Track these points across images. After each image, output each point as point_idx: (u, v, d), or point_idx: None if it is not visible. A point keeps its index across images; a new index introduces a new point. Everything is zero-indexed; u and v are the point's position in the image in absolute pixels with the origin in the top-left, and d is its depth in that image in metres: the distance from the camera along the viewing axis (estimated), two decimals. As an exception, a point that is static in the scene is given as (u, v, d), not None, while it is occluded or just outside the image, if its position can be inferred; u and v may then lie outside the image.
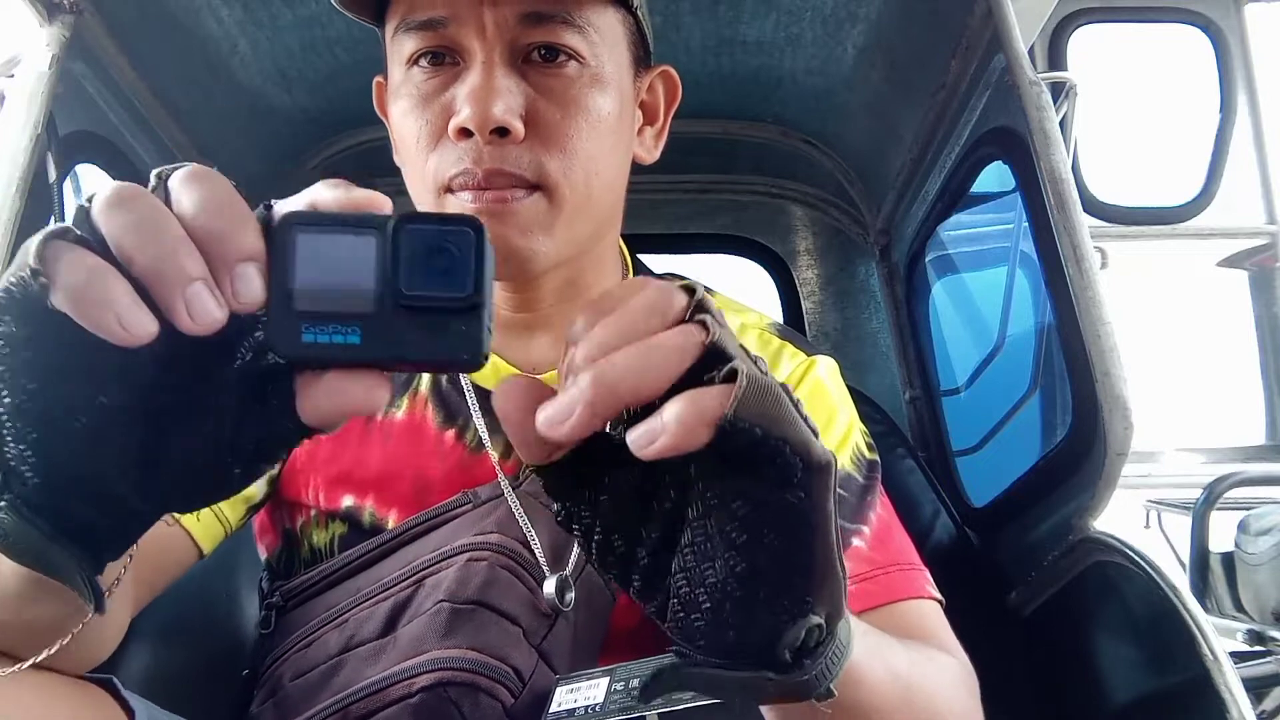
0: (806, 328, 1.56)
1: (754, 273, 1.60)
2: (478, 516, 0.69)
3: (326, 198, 0.35)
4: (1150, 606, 0.76)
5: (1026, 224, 0.94)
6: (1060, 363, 0.90)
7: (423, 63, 0.65)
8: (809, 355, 0.80)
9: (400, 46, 0.66)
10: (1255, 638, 1.97)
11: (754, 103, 1.33)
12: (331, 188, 0.36)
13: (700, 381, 0.34)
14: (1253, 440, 2.20)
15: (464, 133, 0.63)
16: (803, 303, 1.57)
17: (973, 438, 1.29)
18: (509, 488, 0.69)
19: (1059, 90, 0.92)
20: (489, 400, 0.72)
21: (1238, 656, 1.85)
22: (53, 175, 0.88)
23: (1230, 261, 2.14)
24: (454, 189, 0.64)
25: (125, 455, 0.35)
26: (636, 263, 0.83)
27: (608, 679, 0.59)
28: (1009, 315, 1.27)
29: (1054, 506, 0.91)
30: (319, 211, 0.35)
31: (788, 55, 1.20)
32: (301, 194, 0.36)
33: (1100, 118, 2.11)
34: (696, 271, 0.91)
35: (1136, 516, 2.92)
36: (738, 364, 0.34)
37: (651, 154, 0.76)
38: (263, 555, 0.81)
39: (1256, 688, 1.73)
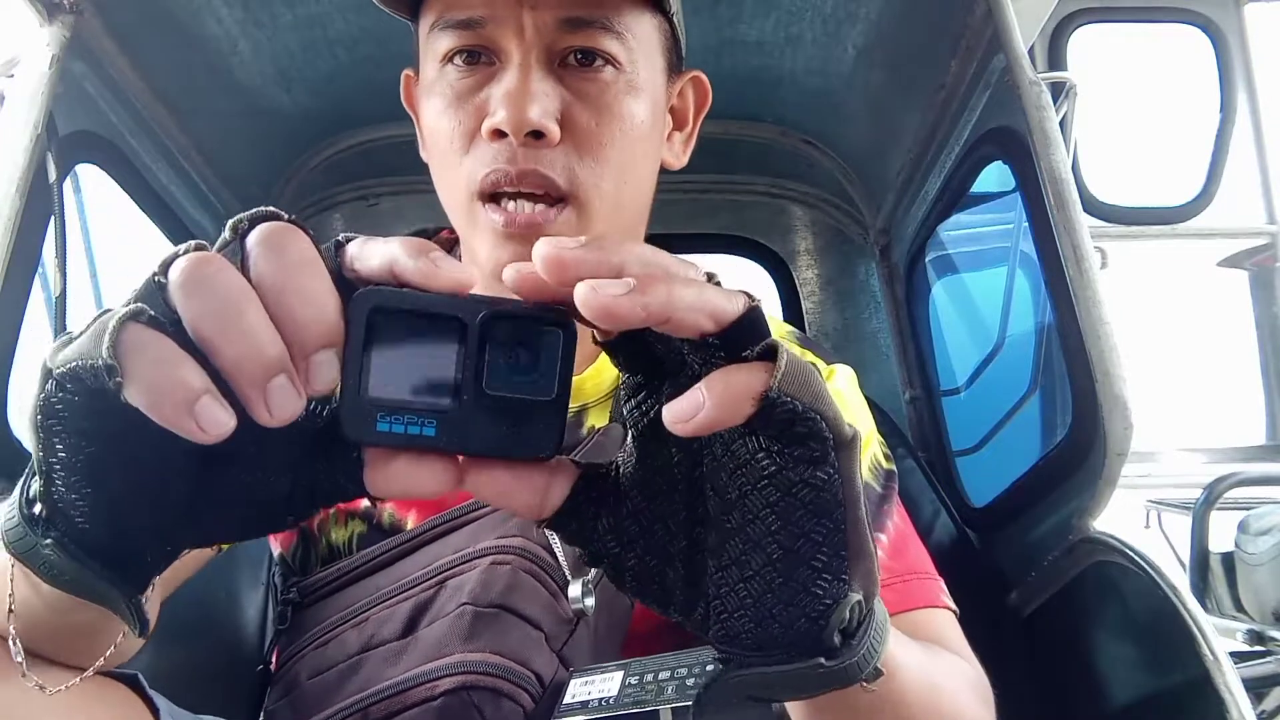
0: (806, 328, 1.56)
1: (754, 273, 1.60)
2: (499, 518, 0.69)
3: (408, 267, 0.33)
4: (1150, 606, 0.76)
5: (1026, 224, 0.94)
6: (1060, 363, 0.90)
7: (458, 61, 0.65)
8: (829, 364, 0.81)
9: (436, 43, 0.65)
10: (1255, 638, 1.97)
11: (754, 103, 1.33)
12: (413, 255, 0.33)
13: (736, 355, 0.33)
14: (1253, 440, 2.21)
15: (498, 134, 0.62)
16: (803, 303, 1.57)
17: (973, 438, 1.29)
18: None
19: (1059, 90, 0.92)
20: None
21: (1238, 656, 1.85)
22: (53, 175, 0.88)
23: (1230, 261, 2.14)
24: (485, 191, 0.64)
25: (181, 505, 0.35)
26: None
27: (622, 673, 0.59)
28: (1009, 315, 1.27)
29: (1054, 506, 0.91)
30: (401, 292, 0.33)
31: (788, 55, 1.20)
32: (379, 250, 0.33)
33: (1100, 118, 2.11)
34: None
35: (1136, 516, 2.92)
36: (774, 340, 0.33)
37: (680, 160, 0.76)
38: (277, 551, 0.80)
39: (1256, 688, 1.73)
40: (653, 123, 0.68)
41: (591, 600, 0.66)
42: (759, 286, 1.58)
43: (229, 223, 0.33)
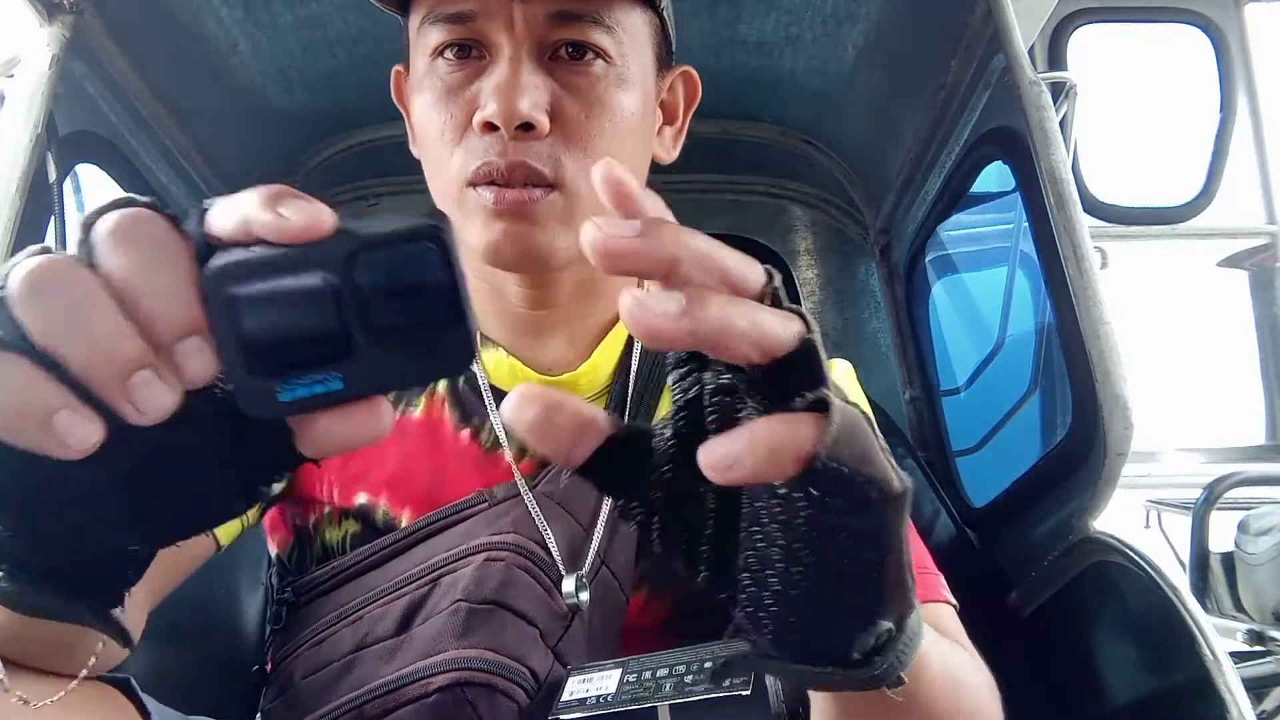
0: (806, 328, 1.56)
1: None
2: (493, 516, 0.69)
3: (261, 220, 0.31)
4: (1150, 606, 0.76)
5: (1026, 224, 0.94)
6: (1060, 363, 0.90)
7: (448, 54, 0.65)
8: (829, 359, 0.81)
9: (426, 38, 0.65)
10: (1255, 638, 1.97)
11: (754, 103, 1.33)
12: (264, 207, 0.31)
13: (784, 398, 0.32)
14: (1253, 440, 2.20)
15: (489, 126, 0.63)
16: (803, 303, 1.57)
17: (973, 438, 1.29)
18: (526, 487, 0.69)
19: (1059, 90, 0.92)
20: (496, 399, 0.71)
21: (1238, 656, 1.85)
22: (53, 175, 0.88)
23: (1230, 261, 2.14)
24: (476, 183, 0.64)
25: (114, 511, 0.33)
26: None
27: (620, 670, 0.59)
28: (1009, 315, 1.27)
29: (1054, 506, 0.91)
30: (254, 256, 0.31)
31: (788, 55, 1.20)
32: (232, 210, 0.31)
33: (1100, 118, 2.11)
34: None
35: (1136, 516, 2.92)
36: (826, 393, 0.32)
37: (670, 154, 0.76)
38: (273, 551, 0.80)
39: (1256, 688, 1.73)
40: (642, 116, 0.69)
41: (586, 595, 0.66)
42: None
43: (81, 220, 0.31)
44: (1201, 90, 2.08)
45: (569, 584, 0.66)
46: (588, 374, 0.74)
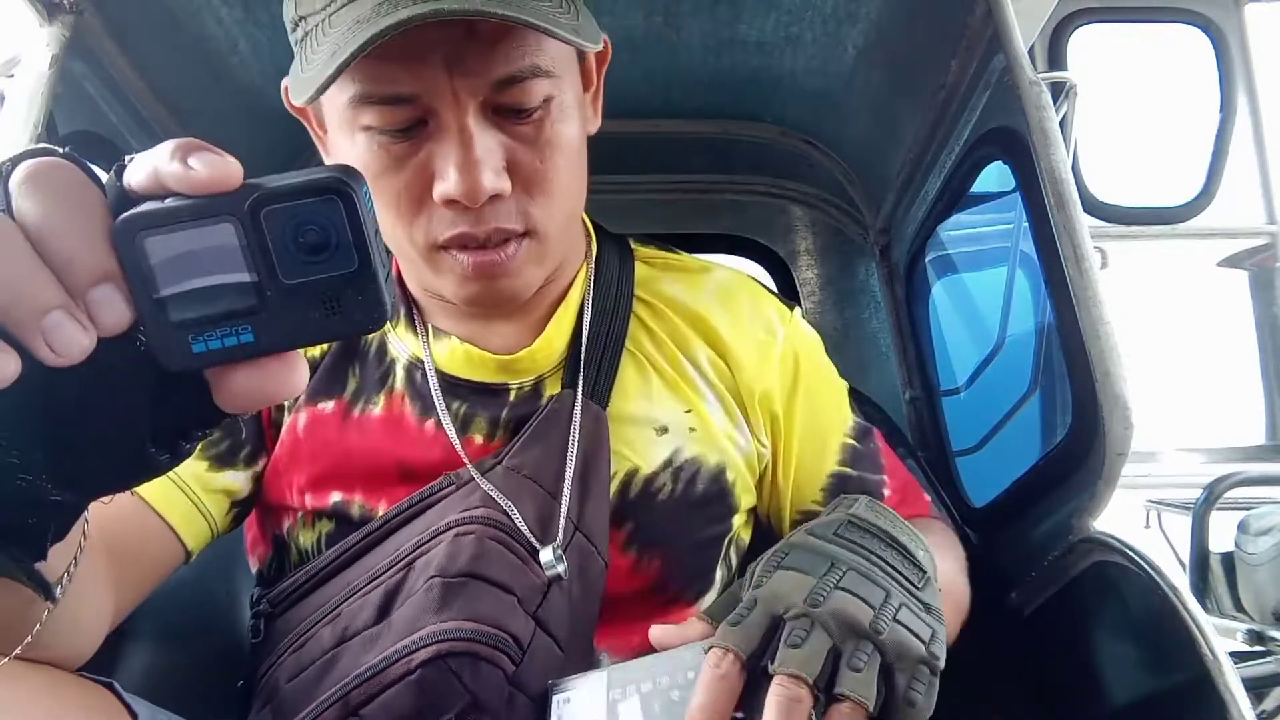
0: (806, 328, 1.56)
1: (754, 273, 1.59)
2: (461, 496, 0.69)
3: (170, 172, 0.32)
4: (1150, 606, 0.76)
5: (1026, 224, 0.94)
6: (1060, 363, 0.90)
7: (389, 130, 0.62)
8: (787, 307, 0.87)
9: (358, 116, 0.62)
10: (1255, 638, 1.97)
11: (754, 103, 1.33)
12: (173, 157, 0.32)
13: None
14: (1253, 440, 2.20)
15: (453, 202, 0.62)
16: (803, 303, 1.57)
17: (973, 438, 1.29)
18: (475, 469, 0.70)
19: (1059, 90, 0.92)
20: (456, 388, 0.73)
21: (1238, 656, 1.85)
22: (53, 175, 0.88)
23: (1230, 261, 2.14)
24: (450, 247, 0.65)
25: (38, 457, 0.33)
26: (600, 232, 0.84)
27: (604, 686, 0.57)
28: (1009, 315, 1.27)
29: (1054, 506, 0.91)
30: (163, 207, 0.31)
31: (788, 55, 1.20)
32: (144, 163, 0.32)
33: (1100, 118, 2.11)
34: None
35: (1136, 516, 2.91)
36: None
37: (596, 124, 0.75)
38: (255, 568, 0.81)
39: (1256, 688, 1.73)
40: (581, 128, 0.69)
41: (564, 566, 0.67)
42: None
43: None
44: (1201, 90, 2.08)
45: (547, 554, 0.67)
46: (542, 349, 0.75)
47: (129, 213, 0.31)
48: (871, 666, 0.52)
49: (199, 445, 0.72)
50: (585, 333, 0.75)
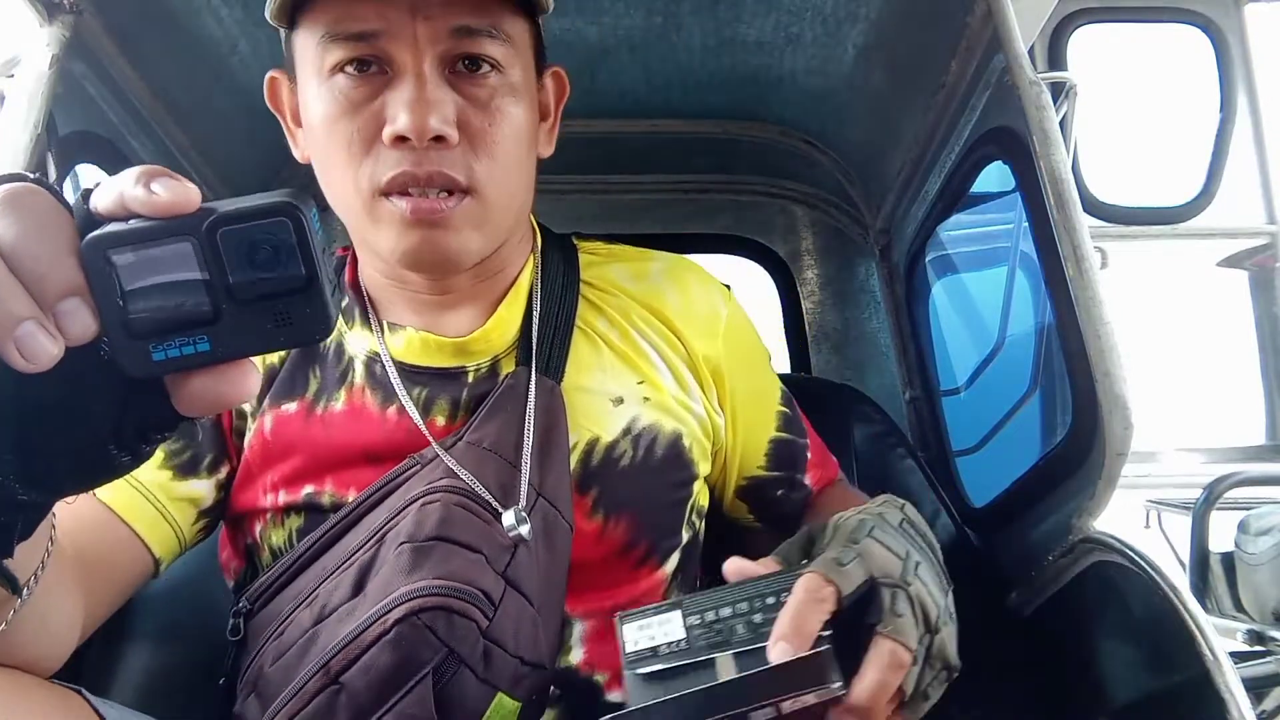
0: (806, 328, 1.56)
1: (754, 273, 1.60)
2: (427, 473, 0.71)
3: (134, 196, 0.35)
4: (1150, 606, 0.76)
5: (1026, 224, 0.94)
6: (1060, 363, 0.90)
7: (350, 70, 0.68)
8: (725, 286, 0.90)
9: (325, 54, 0.67)
10: (1255, 638, 1.97)
11: (754, 103, 1.33)
12: (137, 183, 0.35)
13: None
14: (1253, 440, 2.20)
15: (401, 140, 0.66)
16: (803, 303, 1.57)
17: (973, 438, 1.29)
18: (441, 450, 0.72)
19: (1059, 90, 0.92)
20: (415, 375, 0.76)
21: (1238, 656, 1.85)
22: (53, 175, 0.88)
23: (1230, 261, 2.14)
24: (390, 192, 0.67)
25: (6, 458, 0.36)
26: (544, 231, 0.86)
27: (678, 613, 0.58)
28: (1009, 315, 1.27)
29: (1054, 506, 0.91)
30: (127, 228, 0.35)
31: (788, 55, 1.20)
32: (110, 187, 0.36)
33: (1100, 118, 2.11)
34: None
35: (1136, 516, 2.91)
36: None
37: (548, 149, 0.81)
38: (230, 583, 0.82)
39: (1256, 688, 1.73)
40: (530, 118, 0.73)
41: (527, 528, 0.69)
42: (759, 287, 1.59)
43: None
44: (1201, 90, 2.08)
45: (509, 518, 0.69)
46: (495, 329, 0.77)
47: (95, 233, 0.34)
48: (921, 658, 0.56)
49: (162, 456, 0.74)
50: (536, 313, 0.79)
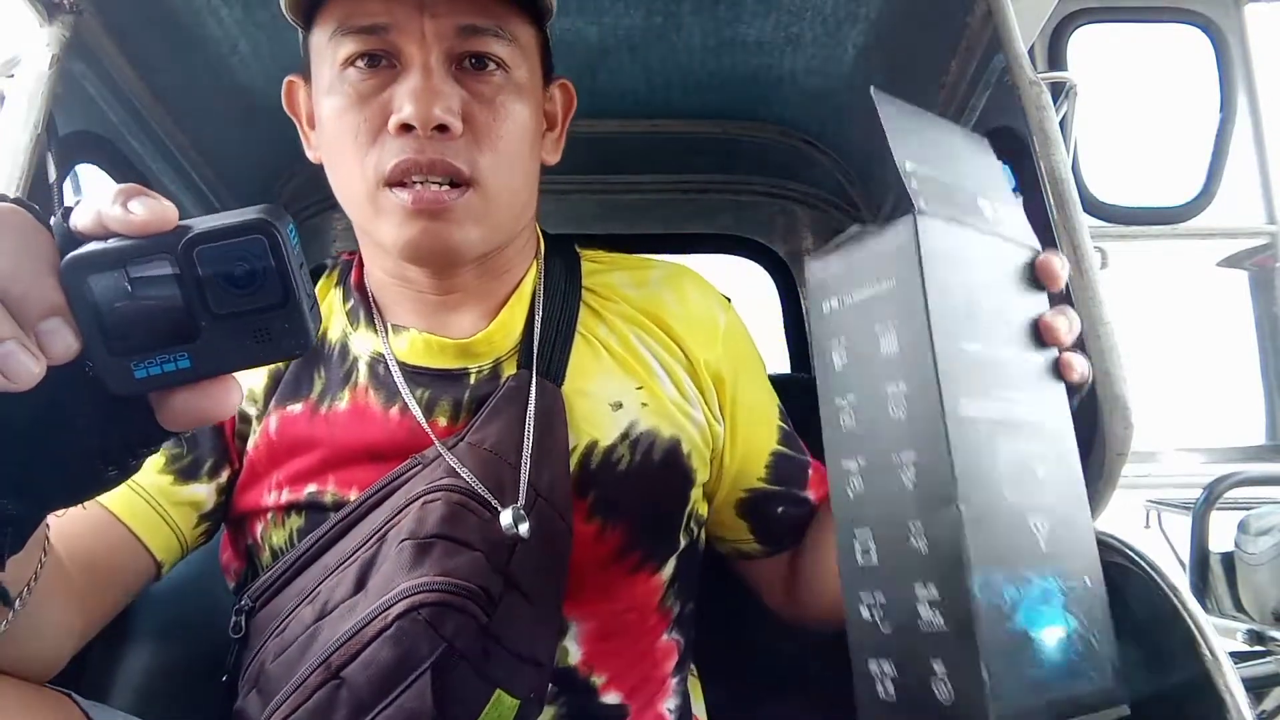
0: (807, 328, 1.56)
1: (754, 273, 1.60)
2: (428, 473, 0.72)
3: (112, 215, 0.35)
4: (1150, 606, 0.76)
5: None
6: (1060, 363, 0.90)
7: (359, 64, 0.69)
8: (728, 300, 0.90)
9: (337, 49, 0.70)
10: (1255, 638, 1.97)
11: (754, 103, 1.33)
12: (114, 202, 0.35)
13: None
14: (1253, 440, 2.20)
15: (405, 128, 0.67)
16: (803, 303, 1.57)
17: (973, 438, 1.28)
18: (443, 449, 0.72)
19: (1059, 90, 0.92)
20: (418, 376, 0.76)
21: (1238, 656, 1.85)
22: (53, 175, 0.88)
23: (1230, 261, 2.14)
24: (393, 182, 0.68)
25: None
26: (548, 237, 0.87)
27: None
28: (1009, 315, 1.27)
29: (1054, 506, 0.91)
30: (106, 247, 0.35)
31: (788, 55, 1.20)
32: (89, 207, 0.36)
33: (1100, 118, 2.11)
34: (694, 268, 0.92)
35: (1136, 516, 2.92)
36: None
37: (554, 157, 0.83)
38: (231, 584, 0.82)
39: (1256, 688, 1.73)
40: (534, 121, 0.75)
41: (525, 526, 0.69)
42: (759, 286, 1.59)
43: None
44: (1201, 90, 2.08)
45: (506, 517, 0.69)
46: (498, 332, 0.78)
47: (75, 253, 0.35)
48: None
49: (164, 460, 0.75)
50: (538, 316, 0.79)
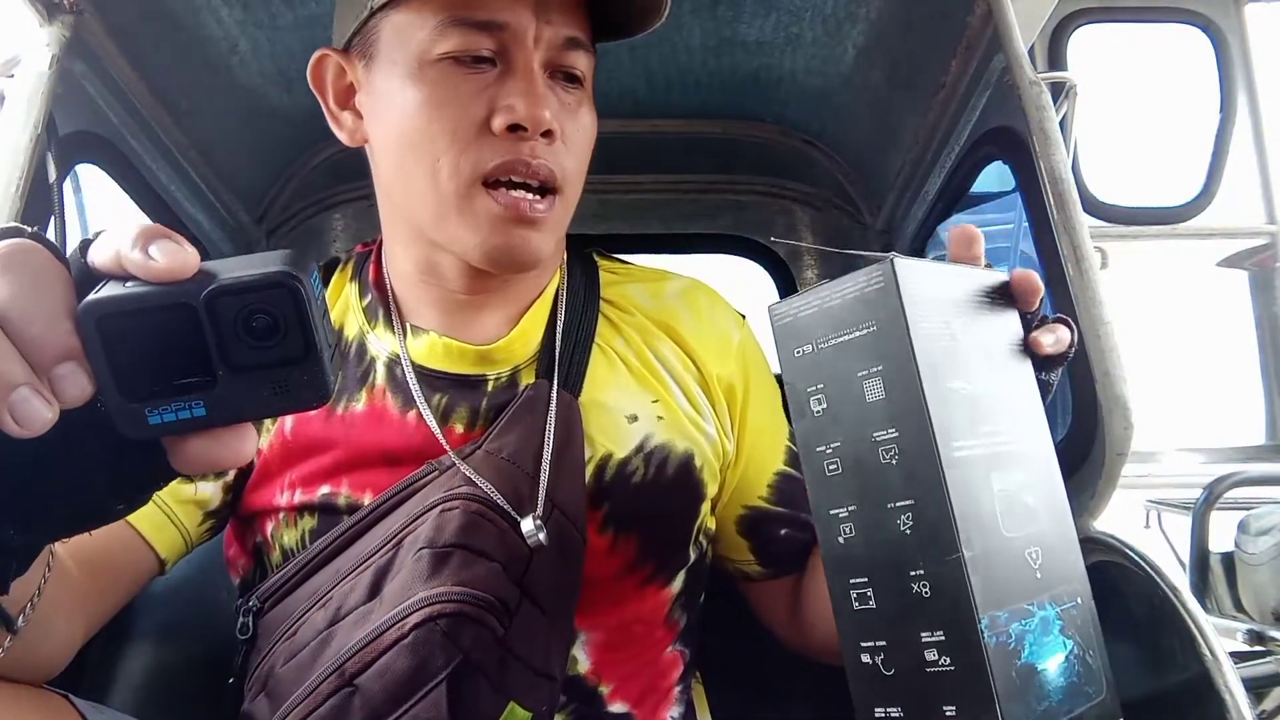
0: (806, 328, 1.56)
1: (754, 273, 1.60)
2: (445, 480, 0.72)
3: (132, 260, 0.34)
4: (1150, 606, 0.76)
5: (1026, 224, 0.94)
6: (1060, 363, 0.90)
7: (464, 58, 0.68)
8: (743, 317, 0.90)
9: (439, 39, 0.68)
10: (1255, 638, 1.97)
11: (754, 103, 1.33)
12: (134, 245, 0.34)
13: None
14: (1253, 440, 2.20)
15: (513, 129, 0.68)
16: (803, 303, 1.57)
17: (973, 438, 1.28)
18: (458, 458, 0.72)
19: (1059, 90, 0.92)
20: (435, 381, 0.76)
21: (1238, 656, 1.85)
22: (53, 175, 0.88)
23: (1230, 261, 2.14)
24: (491, 180, 0.69)
25: (7, 510, 0.36)
26: (569, 246, 0.87)
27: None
28: (1009, 315, 1.27)
29: (1054, 506, 0.91)
30: (124, 293, 0.34)
31: (788, 55, 1.20)
32: (108, 244, 0.35)
33: (1100, 118, 2.11)
34: (696, 271, 0.91)
35: (1136, 516, 2.92)
36: None
37: None
38: (236, 580, 0.82)
39: (1256, 688, 1.73)
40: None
41: (544, 535, 0.69)
42: (759, 287, 1.59)
43: None
44: (1201, 90, 2.08)
45: (528, 525, 0.69)
46: (519, 340, 0.77)
47: (91, 298, 0.34)
48: None
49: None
50: (560, 324, 0.79)
